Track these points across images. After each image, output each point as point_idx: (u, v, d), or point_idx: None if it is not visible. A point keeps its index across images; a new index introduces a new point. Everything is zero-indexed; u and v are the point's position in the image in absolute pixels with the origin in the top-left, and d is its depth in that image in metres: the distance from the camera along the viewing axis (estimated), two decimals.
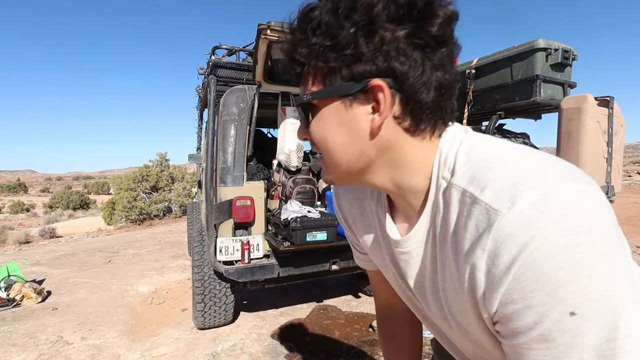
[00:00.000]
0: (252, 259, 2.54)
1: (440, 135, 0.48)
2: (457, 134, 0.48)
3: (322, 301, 3.37)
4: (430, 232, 0.49)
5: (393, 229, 0.55)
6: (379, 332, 0.86)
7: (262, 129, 4.11)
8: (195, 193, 6.87)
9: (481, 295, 0.41)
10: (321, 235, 2.29)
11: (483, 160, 0.43)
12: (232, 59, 3.06)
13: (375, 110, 0.44)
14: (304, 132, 0.50)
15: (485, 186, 0.39)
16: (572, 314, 0.34)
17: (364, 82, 0.42)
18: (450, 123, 0.48)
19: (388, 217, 0.56)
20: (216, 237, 2.51)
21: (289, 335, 2.70)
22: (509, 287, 0.37)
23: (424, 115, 0.44)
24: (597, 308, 0.34)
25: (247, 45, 3.06)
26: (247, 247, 2.49)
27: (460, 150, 0.45)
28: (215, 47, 3.07)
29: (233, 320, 2.86)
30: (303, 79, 0.47)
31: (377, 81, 0.42)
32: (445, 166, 0.46)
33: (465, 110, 2.53)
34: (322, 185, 2.91)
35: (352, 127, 0.45)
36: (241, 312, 3.06)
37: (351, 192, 0.66)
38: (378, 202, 0.60)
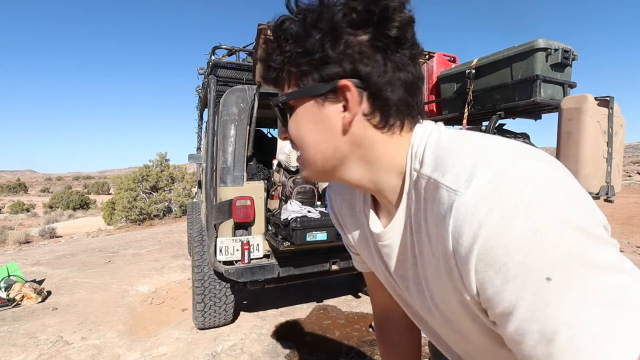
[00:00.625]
0: (252, 259, 2.54)
1: (410, 131, 0.50)
2: (427, 129, 0.50)
3: (322, 301, 3.37)
4: (407, 224, 0.51)
5: (376, 223, 0.57)
6: (377, 337, 0.86)
7: (262, 129, 4.11)
8: (195, 193, 6.87)
9: (458, 277, 0.41)
10: (321, 235, 2.29)
11: (446, 149, 0.45)
12: (232, 59, 3.06)
13: (345, 108, 0.47)
14: (283, 131, 0.54)
15: (446, 170, 0.42)
16: (548, 279, 0.33)
17: (333, 83, 0.46)
18: (420, 120, 0.51)
19: (372, 212, 0.58)
20: (216, 237, 2.51)
21: (289, 335, 2.70)
22: (480, 263, 0.37)
23: (391, 111, 0.47)
24: (570, 267, 0.33)
25: (247, 45, 3.06)
26: (247, 247, 2.49)
27: (429, 141, 0.48)
28: (215, 47, 3.07)
29: (233, 320, 2.86)
30: (280, 83, 0.51)
31: (344, 81, 0.45)
32: (416, 158, 0.48)
33: (465, 110, 2.53)
34: (322, 185, 2.91)
35: (326, 125, 0.48)
36: (241, 312, 3.06)
37: (342, 194, 0.68)
38: (365, 200, 0.62)
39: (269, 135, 4.13)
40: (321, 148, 0.50)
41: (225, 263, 2.50)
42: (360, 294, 3.56)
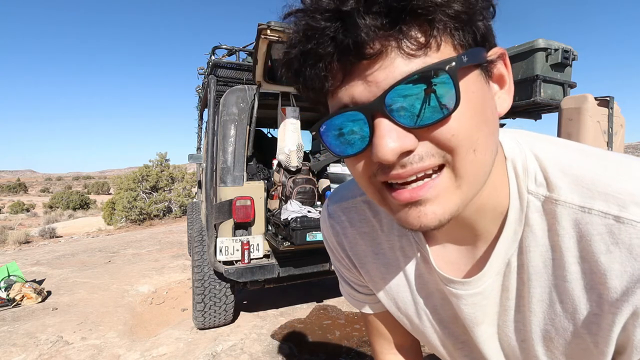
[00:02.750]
0: (252, 259, 2.54)
1: None
2: (507, 133, 0.41)
3: (322, 301, 3.37)
4: (511, 262, 0.40)
5: (448, 266, 0.45)
6: None
7: (262, 129, 4.11)
8: (195, 193, 6.87)
9: (638, 339, 0.34)
10: (321, 235, 2.29)
11: (584, 167, 0.36)
12: (232, 59, 3.06)
13: (500, 86, 0.36)
14: (402, 134, 0.31)
15: (626, 201, 0.33)
16: None
17: (494, 49, 0.34)
18: None
19: (431, 252, 0.45)
20: (216, 237, 2.51)
21: (289, 335, 2.70)
22: None
23: None
24: None
25: (247, 45, 3.06)
26: (247, 247, 2.49)
27: (540, 154, 0.38)
28: (215, 47, 3.07)
29: (233, 320, 2.86)
30: (422, 34, 0.29)
31: (500, 49, 0.34)
32: (528, 177, 0.38)
33: None
34: (322, 185, 2.91)
35: (493, 109, 0.34)
36: (241, 312, 3.06)
37: (357, 226, 0.54)
38: (402, 235, 0.49)
39: (269, 135, 4.13)
40: (492, 144, 0.34)
41: (225, 263, 2.50)
42: None
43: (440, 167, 0.32)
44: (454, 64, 0.29)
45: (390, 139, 0.30)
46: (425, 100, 0.30)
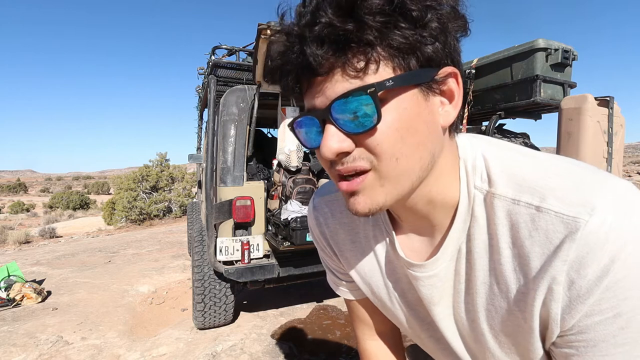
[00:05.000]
0: (252, 259, 2.54)
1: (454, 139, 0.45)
2: (469, 140, 0.46)
3: (322, 301, 3.37)
4: (462, 249, 0.46)
5: (411, 251, 0.51)
6: None
7: (262, 129, 4.11)
8: (195, 193, 6.87)
9: (557, 311, 0.38)
10: None
11: (520, 167, 0.41)
12: (232, 59, 3.06)
13: (449, 101, 0.41)
14: (341, 138, 0.38)
15: (545, 194, 0.38)
16: None
17: (441, 69, 0.38)
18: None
19: (397, 240, 0.52)
20: (216, 237, 2.51)
21: (289, 335, 2.70)
22: (600, 297, 0.35)
23: (462, 110, 0.44)
24: None
25: (247, 45, 3.06)
26: (247, 247, 2.49)
27: (488, 156, 0.44)
28: (215, 47, 3.07)
29: (233, 320, 2.86)
30: (362, 64, 0.35)
31: (451, 69, 0.39)
32: (476, 174, 0.43)
33: (465, 110, 2.53)
34: (322, 185, 2.91)
35: (429, 122, 0.39)
36: (241, 312, 3.06)
37: (337, 217, 0.60)
38: (375, 225, 0.55)
39: (269, 135, 4.13)
40: (423, 154, 0.39)
41: (225, 263, 2.50)
42: None
43: (372, 169, 0.39)
44: (374, 88, 0.35)
45: (331, 141, 0.38)
46: (357, 114, 0.36)
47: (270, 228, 2.65)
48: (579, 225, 0.35)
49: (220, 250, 2.47)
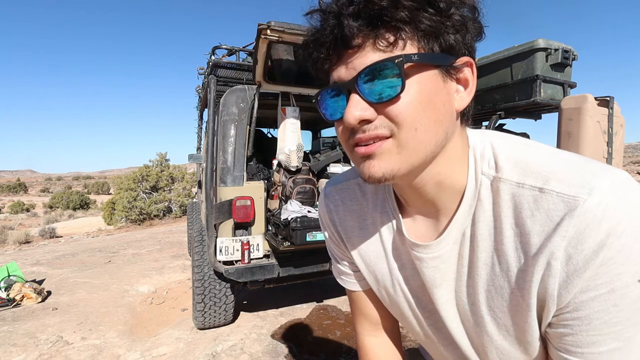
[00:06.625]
0: (252, 259, 2.54)
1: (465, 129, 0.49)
2: (480, 131, 0.50)
3: (322, 301, 3.37)
4: (466, 232, 0.48)
5: (417, 233, 0.53)
6: None
7: (262, 129, 4.11)
8: (195, 193, 6.87)
9: (554, 287, 0.40)
10: (321, 235, 2.29)
11: (531, 156, 0.44)
12: (232, 59, 3.06)
13: (464, 88, 0.45)
14: (364, 106, 0.41)
15: (548, 177, 0.41)
16: None
17: (459, 57, 0.43)
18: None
19: (404, 224, 0.54)
20: (216, 237, 2.51)
21: (289, 335, 2.70)
22: (595, 272, 0.37)
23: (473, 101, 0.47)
24: None
25: (247, 45, 3.06)
26: (247, 247, 2.49)
27: (496, 145, 0.47)
28: (215, 47, 3.07)
29: (233, 320, 2.86)
30: (392, 35, 0.39)
31: (468, 58, 0.43)
32: (484, 161, 0.46)
33: None
34: (322, 185, 2.91)
35: (446, 103, 0.43)
36: (241, 312, 3.06)
37: (347, 204, 0.63)
38: (383, 211, 0.57)
39: (269, 135, 4.13)
40: (439, 130, 0.42)
41: (225, 263, 2.50)
42: None
43: (391, 136, 0.42)
44: (402, 59, 0.39)
45: (355, 109, 0.41)
46: (382, 84, 0.40)
47: (270, 228, 2.65)
48: (578, 204, 0.37)
49: (220, 250, 2.47)
